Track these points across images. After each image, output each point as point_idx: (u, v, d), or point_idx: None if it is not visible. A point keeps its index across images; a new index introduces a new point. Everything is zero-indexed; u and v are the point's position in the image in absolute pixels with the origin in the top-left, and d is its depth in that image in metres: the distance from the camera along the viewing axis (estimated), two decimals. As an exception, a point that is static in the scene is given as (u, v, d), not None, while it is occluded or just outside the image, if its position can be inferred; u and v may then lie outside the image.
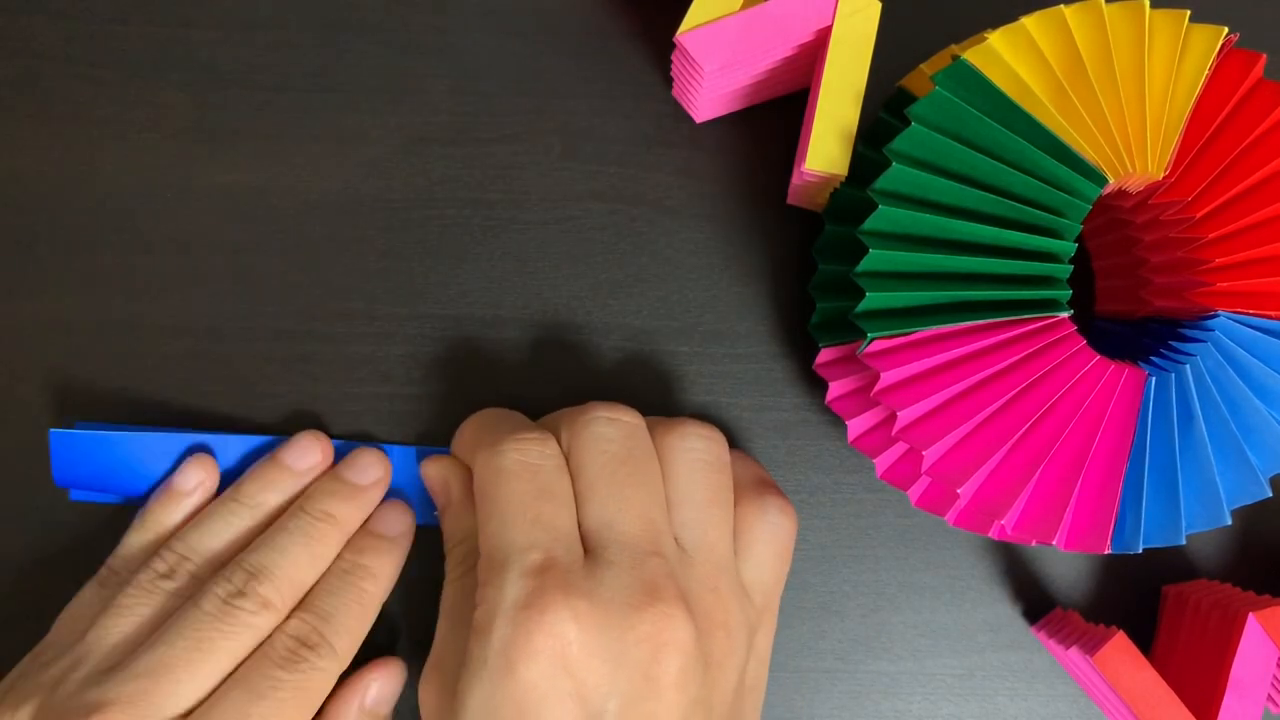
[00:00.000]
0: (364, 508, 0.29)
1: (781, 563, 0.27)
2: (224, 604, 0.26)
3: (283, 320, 0.31)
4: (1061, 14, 0.26)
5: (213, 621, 0.25)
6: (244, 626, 0.26)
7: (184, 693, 0.25)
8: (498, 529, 0.25)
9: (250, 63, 0.31)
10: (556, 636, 0.23)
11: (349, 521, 0.28)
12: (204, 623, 0.25)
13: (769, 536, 0.27)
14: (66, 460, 0.29)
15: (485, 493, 0.26)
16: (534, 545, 0.24)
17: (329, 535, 0.28)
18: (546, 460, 0.26)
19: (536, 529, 0.24)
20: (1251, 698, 0.28)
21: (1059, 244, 0.25)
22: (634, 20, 0.32)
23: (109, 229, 0.31)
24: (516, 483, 0.25)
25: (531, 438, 0.26)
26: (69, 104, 0.31)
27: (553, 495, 0.25)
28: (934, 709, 0.31)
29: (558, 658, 0.23)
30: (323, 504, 0.28)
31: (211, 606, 0.26)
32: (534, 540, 0.24)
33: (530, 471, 0.25)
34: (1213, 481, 0.26)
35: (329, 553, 0.28)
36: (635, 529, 0.25)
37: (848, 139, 0.27)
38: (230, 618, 0.26)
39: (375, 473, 0.29)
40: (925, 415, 0.26)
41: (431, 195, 0.31)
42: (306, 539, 0.27)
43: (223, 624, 0.25)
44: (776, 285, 0.32)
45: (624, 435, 0.26)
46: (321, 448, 0.29)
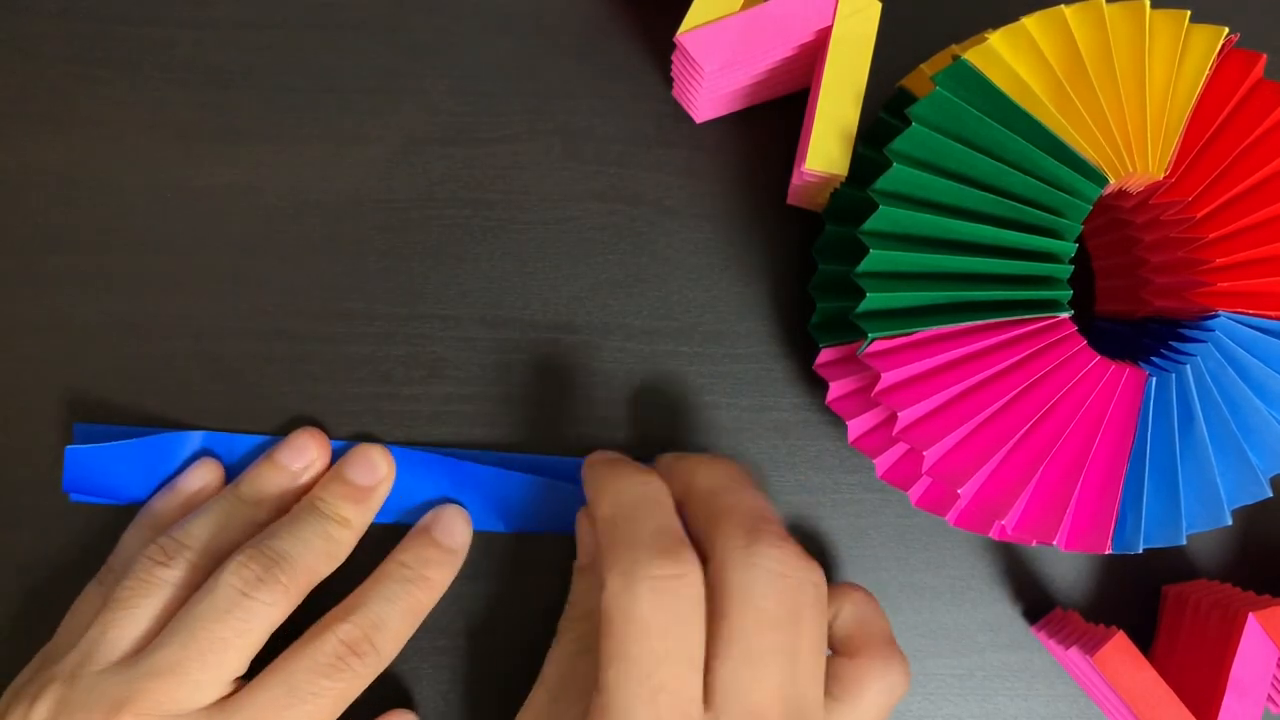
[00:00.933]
0: (373, 509, 0.29)
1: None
2: (242, 594, 0.26)
3: (283, 320, 0.31)
4: (1062, 14, 0.26)
5: (225, 617, 0.25)
6: (261, 617, 0.26)
7: (208, 682, 0.25)
8: (618, 683, 0.22)
9: (250, 63, 0.31)
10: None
11: (362, 524, 0.29)
12: (219, 613, 0.25)
13: (882, 701, 0.25)
14: (77, 472, 0.29)
15: (612, 628, 0.23)
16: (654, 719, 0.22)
17: (344, 537, 0.28)
18: (684, 609, 0.23)
19: (658, 703, 0.22)
20: (1251, 698, 0.28)
21: (1059, 244, 0.25)
22: (634, 20, 0.32)
23: (109, 229, 0.31)
24: (645, 639, 0.22)
25: (672, 576, 0.23)
26: (69, 104, 0.31)
27: (683, 658, 0.23)
28: (934, 709, 0.31)
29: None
30: (337, 508, 0.28)
31: (229, 593, 0.26)
32: (655, 715, 0.22)
33: (663, 626, 0.22)
34: (1213, 481, 0.26)
35: (344, 552, 0.28)
36: (764, 704, 0.22)
37: (848, 139, 0.27)
38: (246, 611, 0.26)
39: (380, 471, 0.29)
40: (926, 415, 0.26)
41: (431, 195, 0.31)
42: (326, 537, 0.28)
43: (239, 619, 0.25)
44: (776, 285, 0.32)
45: (788, 593, 0.23)
46: (317, 445, 0.29)
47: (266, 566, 0.26)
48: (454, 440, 0.31)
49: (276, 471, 0.29)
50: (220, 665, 0.25)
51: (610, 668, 0.23)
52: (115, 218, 0.31)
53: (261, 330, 0.31)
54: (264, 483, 0.29)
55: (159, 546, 0.27)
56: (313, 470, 0.29)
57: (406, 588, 0.28)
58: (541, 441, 0.31)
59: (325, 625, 0.27)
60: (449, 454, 0.30)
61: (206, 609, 0.25)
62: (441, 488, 0.30)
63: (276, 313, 0.31)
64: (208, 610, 0.25)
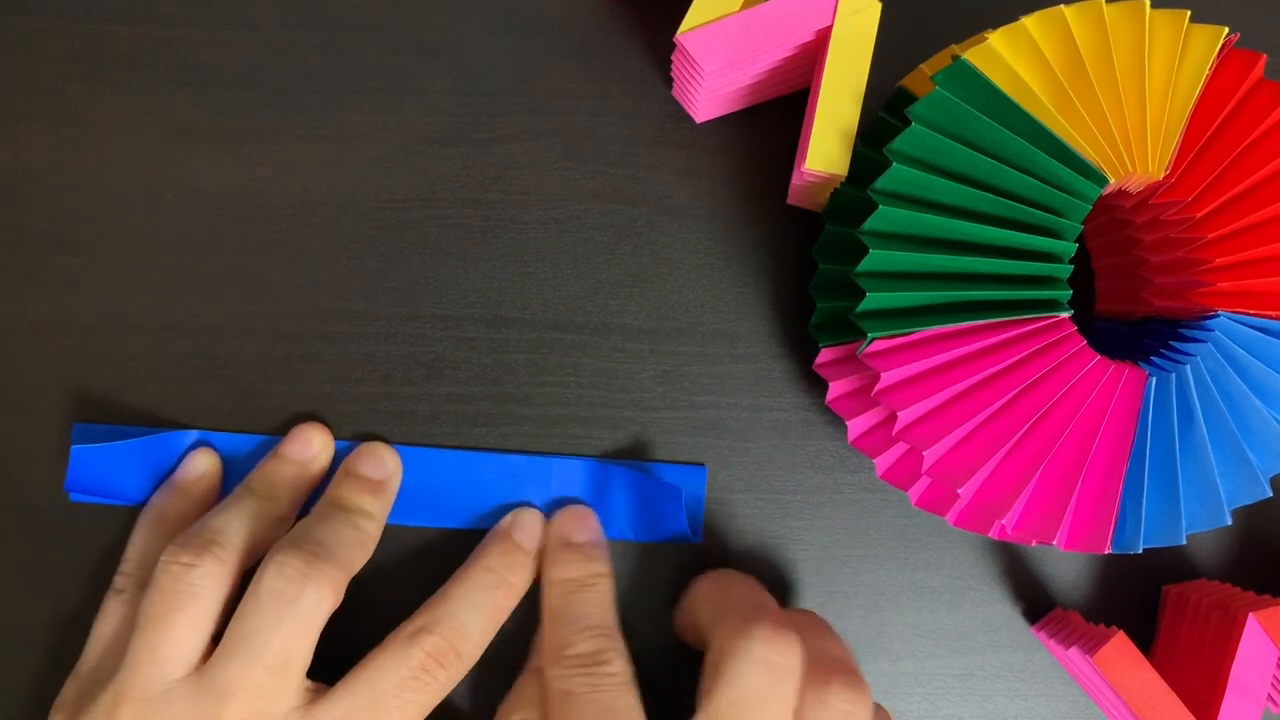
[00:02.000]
0: (388, 501, 0.29)
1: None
2: (289, 599, 0.25)
3: (283, 320, 0.31)
4: (1062, 14, 0.26)
5: (281, 620, 0.25)
6: (312, 616, 0.26)
7: (282, 690, 0.25)
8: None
9: (250, 63, 0.31)
10: None
11: (382, 515, 0.29)
12: (273, 624, 0.25)
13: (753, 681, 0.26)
14: (81, 471, 0.29)
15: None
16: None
17: (370, 527, 0.28)
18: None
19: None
20: (1252, 698, 0.28)
21: (1059, 244, 0.25)
22: (634, 20, 0.32)
23: (109, 229, 0.31)
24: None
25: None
26: (69, 104, 0.31)
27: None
28: (934, 709, 0.31)
29: None
30: (358, 501, 0.28)
31: (276, 601, 0.25)
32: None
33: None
34: (1213, 481, 0.26)
35: (372, 543, 0.28)
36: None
37: (848, 139, 0.27)
38: (295, 612, 0.25)
39: (389, 465, 0.30)
40: (925, 415, 0.26)
41: (431, 195, 0.31)
42: (354, 527, 0.28)
43: (290, 621, 0.25)
44: (776, 285, 0.32)
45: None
46: (320, 436, 0.30)
47: (308, 560, 0.26)
48: (454, 441, 0.31)
49: (284, 464, 0.29)
50: (288, 672, 0.25)
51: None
52: (115, 218, 0.31)
53: (261, 330, 0.31)
54: (274, 476, 0.29)
55: (180, 546, 0.26)
56: (320, 460, 0.29)
57: (492, 594, 0.28)
58: (541, 441, 0.31)
59: (409, 635, 0.26)
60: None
61: (259, 624, 0.25)
62: (454, 482, 0.30)
63: (276, 313, 0.31)
64: (261, 625, 0.25)
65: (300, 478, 0.29)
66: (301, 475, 0.29)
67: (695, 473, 0.31)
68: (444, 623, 0.27)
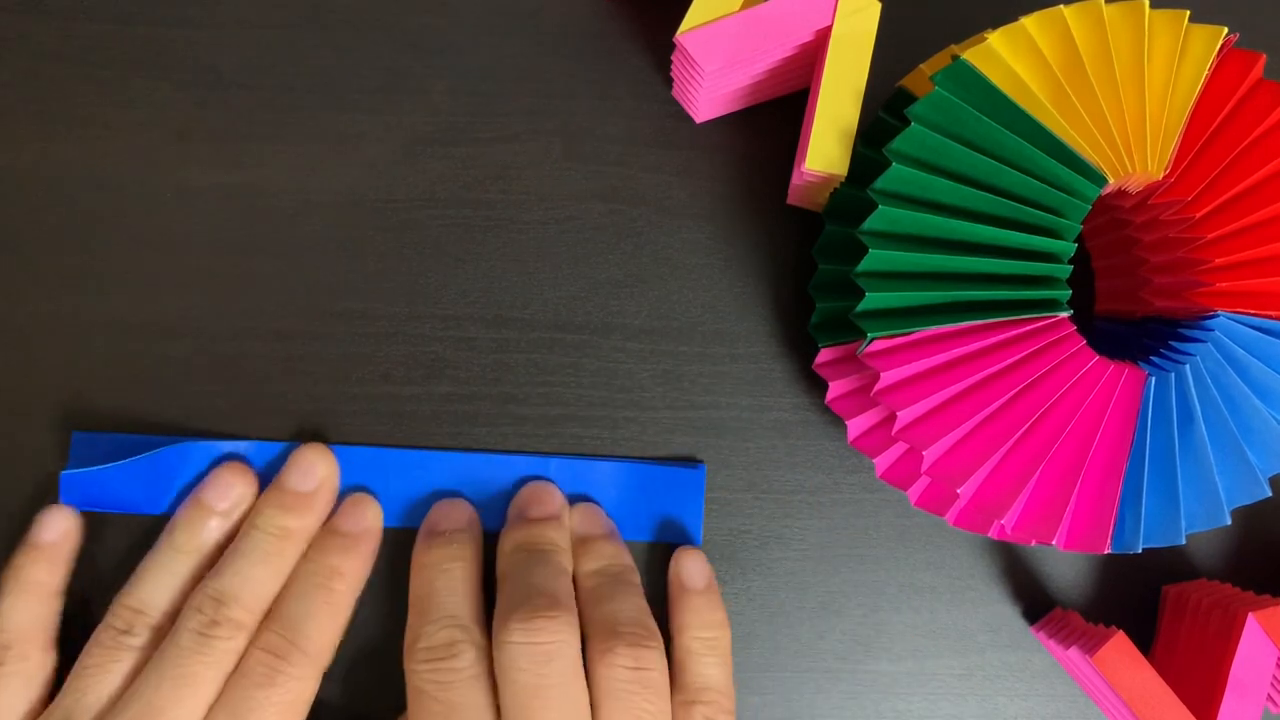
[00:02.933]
0: (318, 513, 0.29)
1: None
2: (200, 636, 0.26)
3: (283, 320, 0.31)
4: (1061, 14, 0.26)
5: (192, 655, 0.25)
6: (222, 653, 0.26)
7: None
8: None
9: (250, 63, 0.31)
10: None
11: (305, 531, 0.28)
12: (184, 658, 0.25)
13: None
14: (74, 493, 0.29)
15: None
16: None
17: (287, 550, 0.28)
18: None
19: None
20: (1251, 698, 0.28)
21: (1059, 244, 0.25)
22: (634, 20, 0.32)
23: (108, 229, 0.31)
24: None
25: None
26: (69, 104, 0.31)
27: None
28: (934, 709, 0.31)
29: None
30: (276, 520, 0.28)
31: (188, 641, 0.26)
32: None
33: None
34: (1212, 481, 0.26)
35: (290, 565, 0.28)
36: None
37: (848, 139, 0.27)
38: (208, 648, 0.26)
39: (320, 472, 0.29)
40: (925, 415, 0.26)
41: (431, 195, 0.31)
42: (265, 556, 0.27)
43: (202, 655, 0.25)
44: (776, 285, 0.32)
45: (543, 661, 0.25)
46: (244, 480, 0.29)
47: (214, 610, 0.26)
48: (454, 441, 0.31)
49: (205, 514, 0.28)
50: (194, 700, 0.25)
51: None
52: (115, 218, 0.31)
53: (261, 330, 0.31)
54: (197, 528, 0.28)
55: (117, 615, 0.27)
56: (242, 507, 0.29)
57: (314, 581, 0.27)
58: (541, 441, 0.31)
59: (250, 641, 0.27)
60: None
61: (170, 658, 0.25)
62: (452, 484, 0.30)
63: (276, 313, 0.31)
64: (172, 657, 0.25)
65: (223, 529, 0.28)
66: (225, 526, 0.28)
67: (693, 473, 0.31)
68: (274, 619, 0.27)
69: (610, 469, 0.30)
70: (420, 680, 0.26)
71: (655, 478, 0.30)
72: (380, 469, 0.30)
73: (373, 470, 0.30)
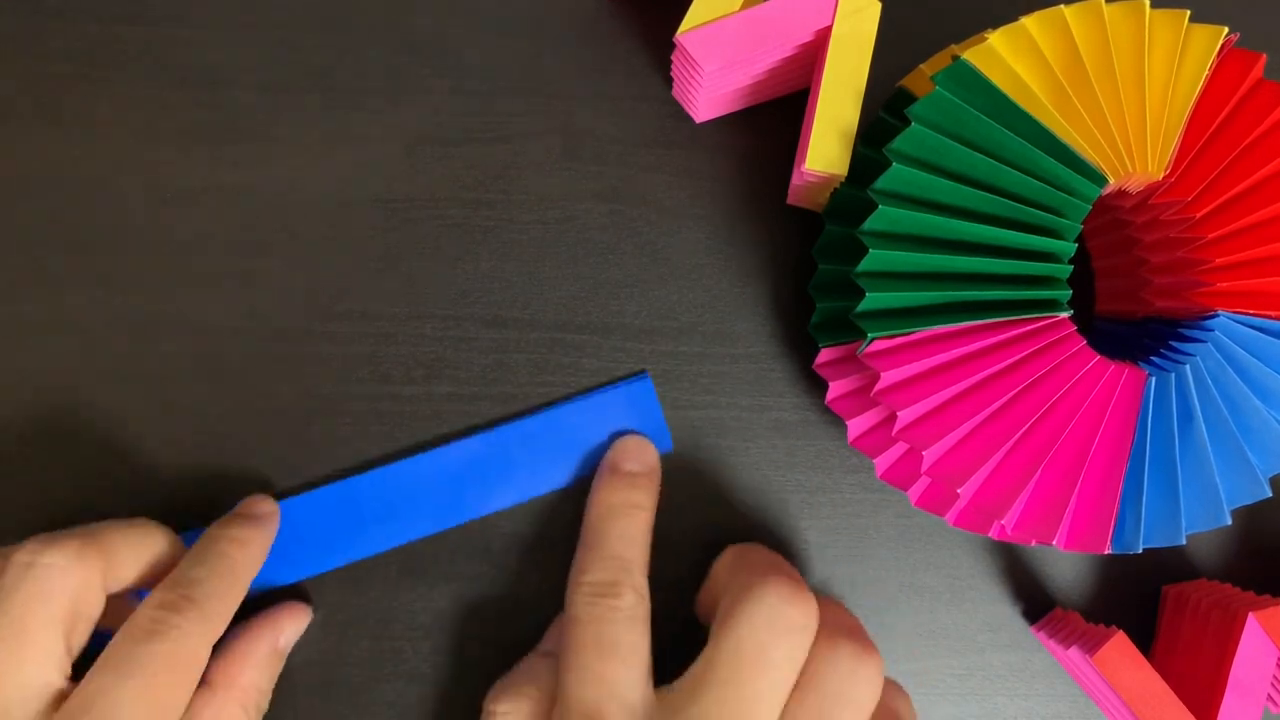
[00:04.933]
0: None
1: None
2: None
3: (283, 320, 0.31)
4: (1061, 14, 0.26)
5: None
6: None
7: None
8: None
9: (250, 63, 0.31)
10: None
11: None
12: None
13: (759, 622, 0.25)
14: None
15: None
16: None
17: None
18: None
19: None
20: (1251, 698, 0.28)
21: (1059, 244, 0.25)
22: (634, 20, 0.32)
23: (108, 229, 0.31)
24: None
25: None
26: (69, 104, 0.31)
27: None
28: (933, 709, 0.31)
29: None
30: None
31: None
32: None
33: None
34: (1212, 481, 0.26)
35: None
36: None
37: (848, 139, 0.27)
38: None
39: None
40: (925, 415, 0.26)
41: (431, 195, 0.31)
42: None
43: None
44: (776, 285, 0.32)
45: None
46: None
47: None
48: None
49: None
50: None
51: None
52: (114, 218, 0.31)
53: (261, 330, 0.31)
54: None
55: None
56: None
57: (214, 546, 0.27)
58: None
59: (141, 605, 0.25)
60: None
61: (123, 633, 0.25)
62: (421, 489, 0.30)
63: (276, 313, 0.31)
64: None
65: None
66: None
67: (641, 383, 0.31)
68: (168, 579, 0.26)
69: (565, 412, 0.30)
70: (578, 609, 0.26)
71: (608, 402, 0.30)
72: (309, 513, 0.30)
73: (307, 515, 0.30)
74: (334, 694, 0.29)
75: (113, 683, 0.23)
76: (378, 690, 0.30)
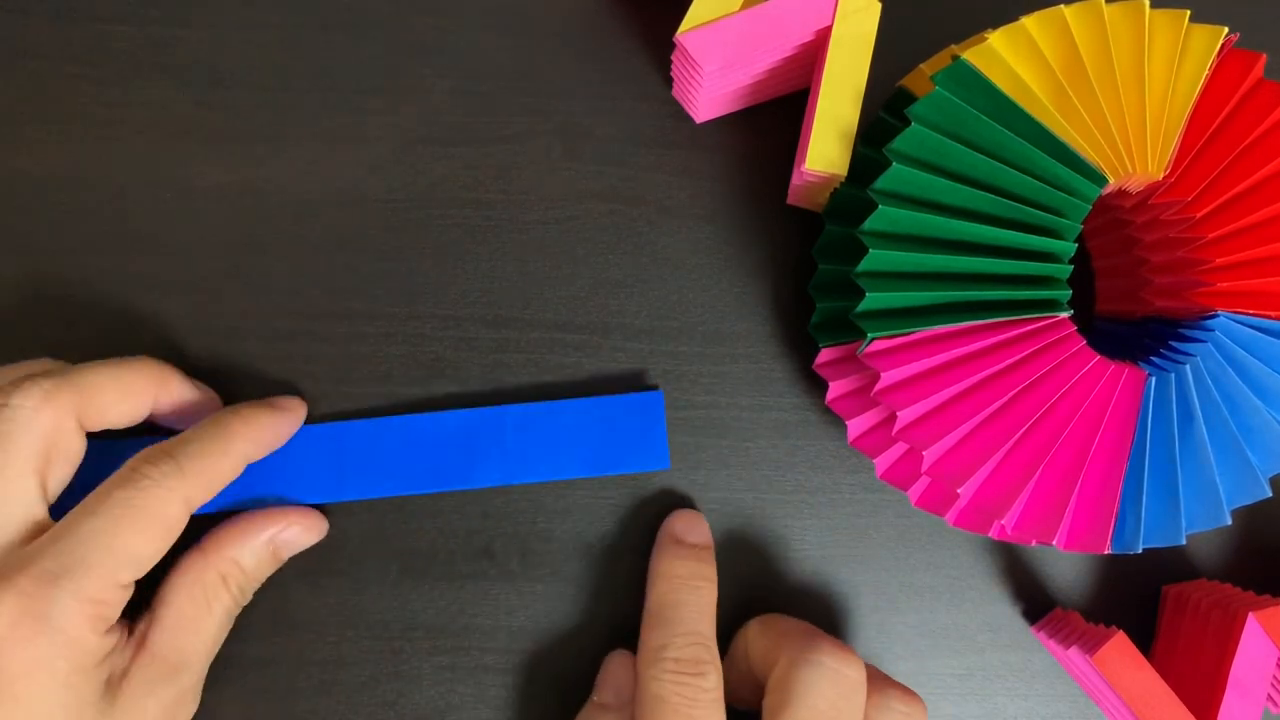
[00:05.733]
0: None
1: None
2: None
3: (282, 320, 0.31)
4: (1061, 14, 0.26)
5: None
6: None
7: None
8: None
9: (250, 63, 0.31)
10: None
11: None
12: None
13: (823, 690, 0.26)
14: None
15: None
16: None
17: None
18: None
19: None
20: (1251, 698, 0.28)
21: (1059, 244, 0.25)
22: (634, 20, 0.32)
23: (109, 229, 0.31)
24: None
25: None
26: (69, 104, 0.31)
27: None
28: (934, 709, 0.31)
29: None
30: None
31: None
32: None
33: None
34: (1213, 481, 0.26)
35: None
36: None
37: (848, 139, 0.27)
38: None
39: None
40: (925, 415, 0.26)
41: (431, 195, 0.31)
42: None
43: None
44: (776, 285, 0.32)
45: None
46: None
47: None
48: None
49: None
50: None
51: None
52: (114, 218, 0.31)
53: (261, 330, 0.31)
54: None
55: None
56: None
57: (220, 416, 0.27)
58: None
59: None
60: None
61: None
62: (411, 448, 0.30)
63: (276, 313, 0.31)
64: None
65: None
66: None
67: (652, 396, 0.30)
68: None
69: (569, 408, 0.30)
70: (665, 689, 0.26)
71: (615, 408, 0.30)
72: (338, 442, 0.30)
73: (329, 444, 0.30)
74: (334, 694, 0.29)
75: (78, 520, 0.24)
76: (378, 690, 0.30)
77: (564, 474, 0.30)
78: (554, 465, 0.30)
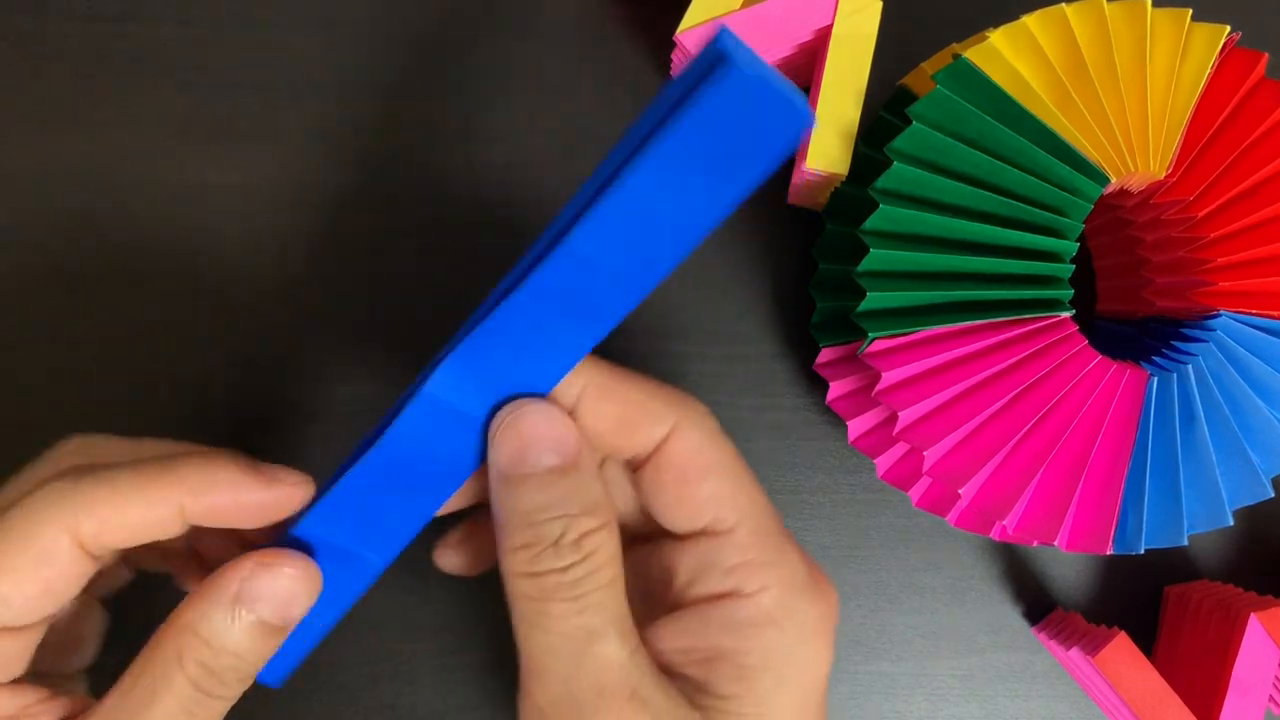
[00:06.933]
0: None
1: None
2: None
3: (282, 320, 0.31)
4: (1063, 13, 0.26)
5: None
6: None
7: None
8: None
9: (250, 63, 0.31)
10: None
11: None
12: None
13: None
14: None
15: None
16: None
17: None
18: None
19: None
20: (1253, 698, 0.28)
21: (1061, 243, 0.25)
22: (633, 19, 0.32)
23: (109, 229, 0.31)
24: None
25: None
26: (69, 104, 0.31)
27: None
28: (935, 710, 0.31)
29: None
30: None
31: None
32: None
33: None
34: (1214, 482, 0.26)
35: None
36: None
37: (848, 138, 0.27)
38: None
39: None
40: (926, 415, 0.26)
41: (431, 195, 0.31)
42: None
43: None
44: (776, 285, 0.32)
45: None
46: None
47: None
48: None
49: None
50: None
51: None
52: (113, 218, 0.31)
53: (261, 330, 0.31)
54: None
55: None
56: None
57: (166, 450, 0.22)
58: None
59: None
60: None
61: None
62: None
63: (276, 313, 0.31)
64: None
65: None
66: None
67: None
68: None
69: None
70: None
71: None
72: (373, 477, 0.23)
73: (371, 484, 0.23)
74: (333, 694, 0.29)
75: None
76: (377, 690, 0.29)
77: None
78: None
